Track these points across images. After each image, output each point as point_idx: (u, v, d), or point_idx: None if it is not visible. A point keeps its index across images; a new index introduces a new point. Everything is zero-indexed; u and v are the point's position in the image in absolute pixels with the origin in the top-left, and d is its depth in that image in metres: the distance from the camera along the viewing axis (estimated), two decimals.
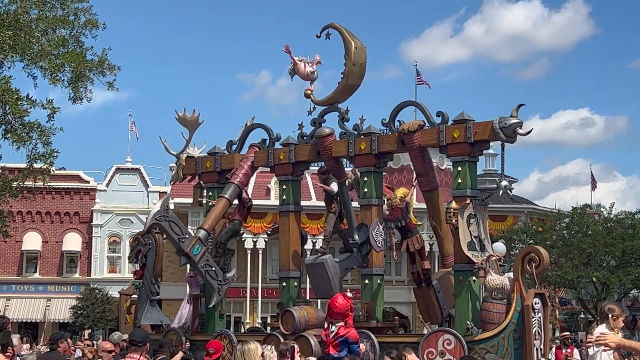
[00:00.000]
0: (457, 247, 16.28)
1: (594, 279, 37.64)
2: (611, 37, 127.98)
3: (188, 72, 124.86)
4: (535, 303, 15.27)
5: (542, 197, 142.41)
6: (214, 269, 18.99)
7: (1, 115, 26.37)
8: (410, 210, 17.47)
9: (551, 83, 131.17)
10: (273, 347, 15.46)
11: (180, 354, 15.76)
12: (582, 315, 62.93)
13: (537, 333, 15.16)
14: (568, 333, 28.00)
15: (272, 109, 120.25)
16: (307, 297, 26.13)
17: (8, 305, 51.71)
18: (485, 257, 15.88)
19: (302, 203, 19.68)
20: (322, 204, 19.43)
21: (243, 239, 47.40)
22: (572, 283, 38.64)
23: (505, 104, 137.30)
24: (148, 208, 54.15)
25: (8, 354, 9.44)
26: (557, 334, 42.94)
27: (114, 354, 15.51)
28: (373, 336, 16.28)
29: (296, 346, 12.22)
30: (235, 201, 19.73)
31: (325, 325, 12.37)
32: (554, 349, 25.00)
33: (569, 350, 24.42)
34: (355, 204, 18.55)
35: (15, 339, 19.87)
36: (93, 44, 27.97)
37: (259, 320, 48.25)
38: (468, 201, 16.16)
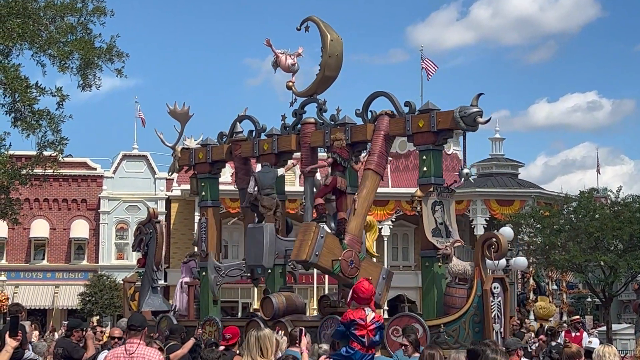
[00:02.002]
0: (422, 233, 16.62)
1: (602, 263, 37.59)
2: (618, 19, 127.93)
3: (194, 58, 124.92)
4: (495, 287, 15.62)
5: (548, 181, 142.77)
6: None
7: (10, 103, 26.46)
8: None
9: (558, 66, 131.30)
10: (282, 332, 15.71)
11: (192, 341, 15.88)
12: (589, 299, 63.06)
13: (496, 317, 15.53)
14: (578, 317, 28.01)
15: (278, 94, 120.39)
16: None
17: (16, 292, 51.81)
18: (449, 243, 16.17)
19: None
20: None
21: None
22: (579, 267, 38.59)
23: (512, 88, 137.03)
24: (155, 195, 54.29)
25: (18, 337, 9.50)
26: (565, 317, 43.06)
27: (120, 340, 15.59)
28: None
29: (304, 329, 12.37)
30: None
31: (357, 310, 12.44)
32: (563, 333, 25.06)
33: (578, 333, 24.41)
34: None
35: (26, 325, 20.02)
36: (101, 31, 28.06)
37: None
38: (431, 189, 16.46)
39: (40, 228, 53.58)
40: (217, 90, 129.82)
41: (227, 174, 39.83)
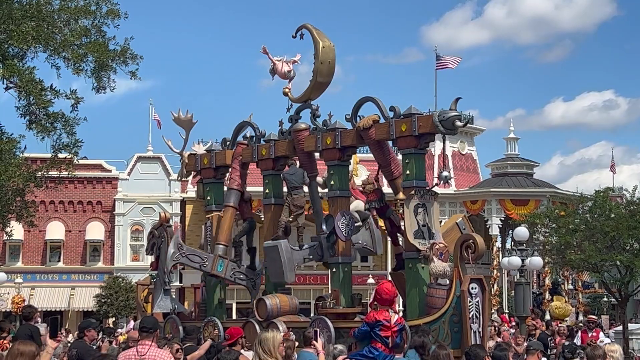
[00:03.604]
0: (405, 235, 17.18)
1: (618, 262, 37.43)
2: (633, 18, 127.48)
3: (208, 59, 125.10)
4: (472, 288, 15.95)
5: (564, 180, 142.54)
6: (242, 274, 20.31)
7: (25, 106, 26.45)
8: None
9: (574, 65, 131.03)
10: (292, 333, 15.83)
11: (209, 342, 15.94)
12: (605, 299, 62.83)
13: (474, 317, 15.88)
14: (594, 317, 27.92)
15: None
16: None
17: (32, 295, 52.02)
18: (429, 245, 16.54)
19: None
20: None
21: None
22: (595, 266, 38.44)
23: (528, 87, 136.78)
24: (170, 196, 54.41)
25: (59, 338, 9.58)
26: (581, 317, 42.88)
27: None
28: (330, 322, 17.13)
29: (318, 330, 12.45)
30: None
31: (381, 311, 12.49)
32: (579, 333, 25.00)
33: (594, 334, 24.33)
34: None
35: (42, 328, 20.13)
36: (115, 33, 27.99)
37: None
38: (413, 192, 16.90)
39: (55, 230, 53.79)
40: (232, 90, 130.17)
41: None
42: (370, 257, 54.81)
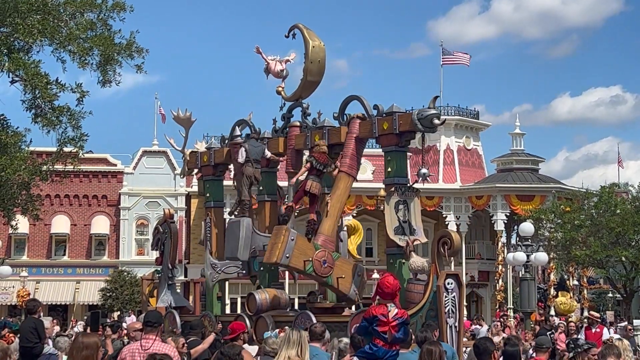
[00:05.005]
0: (385, 232, 17.43)
1: (623, 258, 37.48)
2: None
3: (216, 54, 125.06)
4: (448, 283, 16.21)
5: (569, 176, 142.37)
6: None
7: (31, 100, 26.47)
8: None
9: (581, 60, 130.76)
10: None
11: (212, 336, 15.92)
12: (610, 295, 62.81)
13: (450, 311, 16.18)
14: (596, 313, 27.84)
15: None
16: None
17: (38, 288, 52.07)
18: (407, 241, 16.88)
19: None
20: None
21: None
22: (600, 262, 38.48)
23: (534, 83, 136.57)
24: (175, 190, 54.44)
25: (99, 332, 9.66)
26: (586, 313, 42.87)
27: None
28: (313, 317, 17.11)
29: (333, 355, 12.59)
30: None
31: (376, 305, 12.46)
32: (583, 329, 24.95)
33: (597, 330, 24.26)
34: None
35: (47, 321, 20.15)
36: (121, 27, 27.97)
37: None
38: (393, 189, 17.23)
39: (61, 224, 53.81)
40: (238, 85, 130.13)
41: None
42: (375, 251, 54.87)
